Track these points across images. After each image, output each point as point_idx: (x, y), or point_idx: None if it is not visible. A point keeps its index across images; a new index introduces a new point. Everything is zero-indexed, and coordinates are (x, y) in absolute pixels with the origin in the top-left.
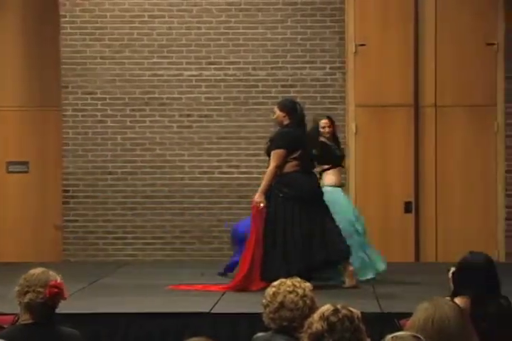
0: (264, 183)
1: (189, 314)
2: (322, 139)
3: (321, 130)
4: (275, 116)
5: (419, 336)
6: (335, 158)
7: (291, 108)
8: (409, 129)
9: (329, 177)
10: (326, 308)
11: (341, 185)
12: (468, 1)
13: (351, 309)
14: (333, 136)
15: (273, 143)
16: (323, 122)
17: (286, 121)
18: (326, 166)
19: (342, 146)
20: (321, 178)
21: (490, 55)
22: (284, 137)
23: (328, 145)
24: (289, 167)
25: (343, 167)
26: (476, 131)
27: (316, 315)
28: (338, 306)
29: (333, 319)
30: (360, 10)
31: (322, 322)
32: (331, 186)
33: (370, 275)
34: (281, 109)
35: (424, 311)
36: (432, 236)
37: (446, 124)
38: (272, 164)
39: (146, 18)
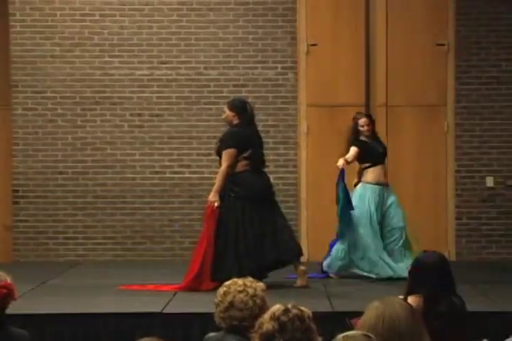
0: (217, 183)
1: (140, 314)
2: (362, 138)
3: (361, 128)
4: (224, 116)
5: (370, 335)
6: (376, 156)
7: (240, 108)
8: None
9: (369, 175)
10: (276, 308)
11: (381, 182)
12: (419, 3)
13: (302, 308)
14: (373, 134)
15: (223, 143)
16: (362, 121)
17: (235, 121)
18: (367, 164)
19: (383, 144)
20: (362, 175)
21: (440, 55)
22: (234, 137)
23: (368, 143)
24: (240, 166)
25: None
26: (426, 130)
27: (266, 315)
28: (289, 306)
29: (283, 319)
30: (311, 10)
31: (273, 322)
32: (370, 184)
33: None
34: (231, 109)
35: (375, 310)
36: None
37: (397, 124)
38: (224, 164)
39: (97, 17)
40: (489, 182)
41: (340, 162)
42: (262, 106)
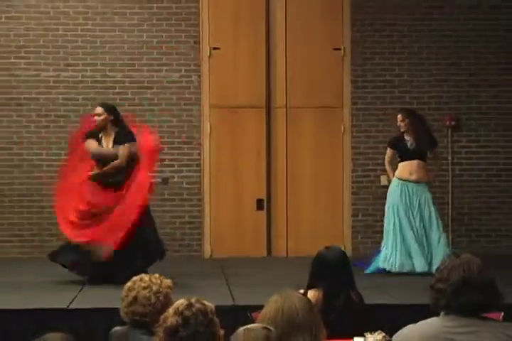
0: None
1: (45, 310)
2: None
3: (398, 124)
4: (103, 118)
5: (270, 327)
6: (403, 152)
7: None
8: (261, 130)
9: (398, 169)
10: (180, 303)
11: (405, 178)
12: (317, 8)
13: (205, 303)
14: (415, 128)
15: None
16: (398, 117)
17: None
18: (399, 158)
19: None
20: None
21: (337, 59)
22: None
23: (400, 138)
24: None
25: (420, 160)
26: (324, 131)
27: (171, 310)
28: (192, 300)
29: (187, 313)
30: (213, 15)
31: (177, 317)
32: (396, 177)
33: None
34: (110, 112)
35: (274, 303)
36: (282, 231)
37: (297, 125)
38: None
39: (3, 20)
40: (383, 180)
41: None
42: (166, 108)
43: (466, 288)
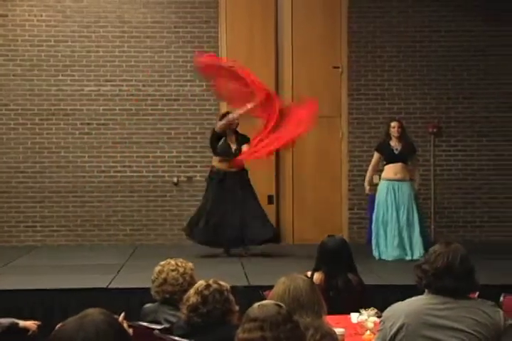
0: None
1: (88, 289)
2: (388, 139)
3: (392, 130)
4: None
5: (280, 304)
6: (388, 155)
7: None
8: None
9: (384, 171)
10: (199, 284)
11: (391, 178)
12: (318, 33)
13: (221, 283)
14: (403, 136)
15: None
16: (393, 124)
17: None
18: (385, 162)
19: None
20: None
21: (336, 76)
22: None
23: (385, 144)
24: None
25: (404, 163)
26: (324, 137)
27: (192, 290)
28: (210, 281)
29: (205, 293)
30: (230, 39)
31: (197, 296)
32: (383, 179)
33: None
34: None
35: (282, 284)
36: (289, 223)
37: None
38: None
39: (52, 42)
40: (375, 179)
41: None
42: (190, 117)
43: (447, 273)
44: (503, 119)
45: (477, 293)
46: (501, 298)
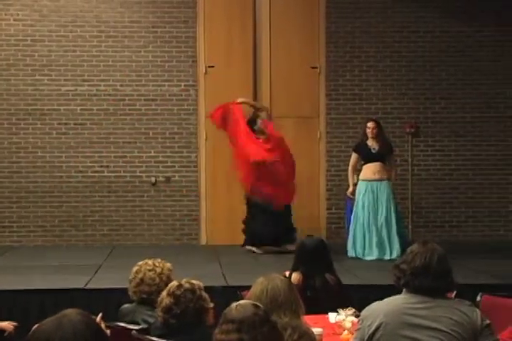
0: None
1: (65, 290)
2: (365, 139)
3: (367, 130)
4: None
5: (258, 304)
6: (366, 155)
7: None
8: None
9: (362, 171)
10: (171, 285)
11: (369, 178)
12: (297, 34)
13: (193, 282)
14: (379, 136)
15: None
16: (369, 124)
17: None
18: (363, 161)
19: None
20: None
21: (314, 76)
22: None
23: (363, 144)
24: None
25: (382, 162)
26: (303, 137)
27: (164, 292)
28: (182, 281)
29: (177, 293)
30: (208, 38)
31: (169, 298)
32: (361, 179)
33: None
34: None
35: (260, 284)
36: None
37: (280, 132)
38: None
39: (28, 42)
40: (354, 179)
41: None
42: (168, 117)
43: (425, 273)
44: (481, 119)
45: (454, 293)
46: (478, 298)
